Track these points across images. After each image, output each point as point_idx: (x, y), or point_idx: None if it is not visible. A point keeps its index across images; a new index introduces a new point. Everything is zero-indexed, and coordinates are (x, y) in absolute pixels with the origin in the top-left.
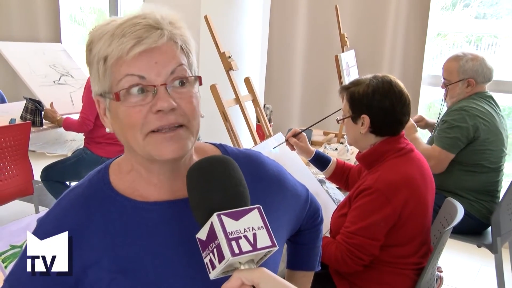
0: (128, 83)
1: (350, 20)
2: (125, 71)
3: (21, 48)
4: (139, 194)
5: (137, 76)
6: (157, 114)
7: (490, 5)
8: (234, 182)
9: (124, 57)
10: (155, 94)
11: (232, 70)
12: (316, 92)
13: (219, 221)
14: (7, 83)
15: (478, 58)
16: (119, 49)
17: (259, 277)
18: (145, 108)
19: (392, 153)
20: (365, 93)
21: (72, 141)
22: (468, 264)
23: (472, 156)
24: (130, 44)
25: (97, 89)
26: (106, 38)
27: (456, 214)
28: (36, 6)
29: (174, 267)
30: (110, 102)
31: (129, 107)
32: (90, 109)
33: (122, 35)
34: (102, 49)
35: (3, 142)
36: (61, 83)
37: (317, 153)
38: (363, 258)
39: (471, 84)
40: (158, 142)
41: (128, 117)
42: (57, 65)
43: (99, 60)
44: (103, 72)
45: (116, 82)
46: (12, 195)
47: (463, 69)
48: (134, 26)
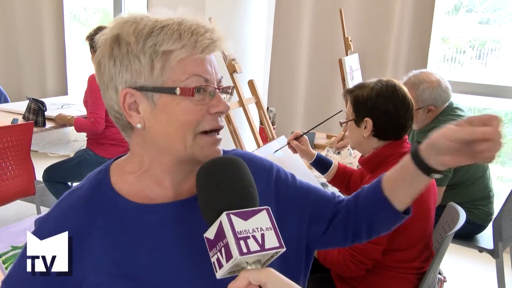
0: (194, 83)
1: (354, 24)
2: (192, 70)
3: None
4: (144, 195)
5: (203, 77)
6: (213, 115)
7: (494, 10)
8: (243, 182)
9: (194, 55)
10: (213, 96)
11: (236, 73)
12: (320, 95)
13: (228, 220)
14: (10, 83)
15: (433, 83)
16: (193, 47)
17: (266, 277)
18: (205, 108)
19: (395, 157)
20: (369, 96)
21: (74, 141)
22: (469, 269)
23: (460, 178)
24: (205, 44)
25: (142, 81)
26: (170, 32)
27: (458, 218)
28: (40, 6)
29: (176, 270)
30: (162, 97)
31: (192, 104)
32: (99, 108)
33: (190, 33)
34: (165, 42)
35: (5, 142)
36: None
37: (318, 156)
38: (365, 262)
39: (432, 110)
40: (208, 144)
41: (189, 113)
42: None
43: (157, 53)
44: (161, 66)
45: (180, 79)
46: (14, 195)
47: (421, 98)
48: (199, 27)
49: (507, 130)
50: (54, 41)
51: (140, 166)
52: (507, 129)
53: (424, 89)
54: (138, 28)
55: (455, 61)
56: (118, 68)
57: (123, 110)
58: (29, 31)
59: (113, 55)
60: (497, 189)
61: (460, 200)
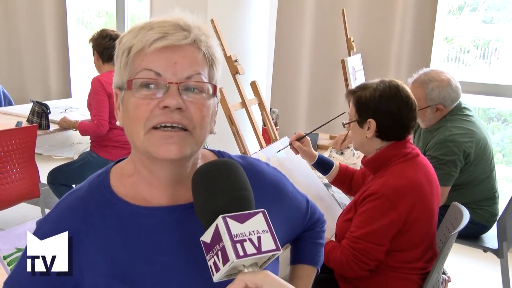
0: (143, 77)
1: (357, 24)
2: (144, 65)
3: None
4: (141, 197)
5: (153, 72)
6: (163, 110)
7: (498, 9)
8: (239, 185)
9: (146, 49)
10: (166, 91)
11: (238, 74)
12: (323, 96)
13: (225, 223)
14: (14, 86)
15: (443, 82)
16: (143, 41)
17: (262, 279)
18: (154, 102)
19: (398, 158)
20: (372, 97)
21: (78, 144)
22: (474, 269)
23: (466, 178)
24: (154, 37)
25: (117, 80)
26: (134, 31)
27: (462, 218)
28: (42, 9)
29: (172, 274)
30: (124, 94)
31: (139, 99)
32: (102, 110)
33: (149, 28)
34: (128, 40)
35: (9, 145)
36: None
37: (320, 157)
38: (368, 263)
39: (440, 109)
40: (157, 139)
41: (136, 109)
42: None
43: (124, 51)
44: (124, 63)
45: (134, 74)
46: (19, 198)
47: (430, 97)
48: (163, 23)
49: None
50: (57, 44)
51: (134, 167)
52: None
53: (434, 87)
54: (126, 31)
55: (459, 61)
56: (116, 69)
57: (115, 109)
58: (32, 34)
59: (115, 56)
60: (501, 189)
61: (465, 200)
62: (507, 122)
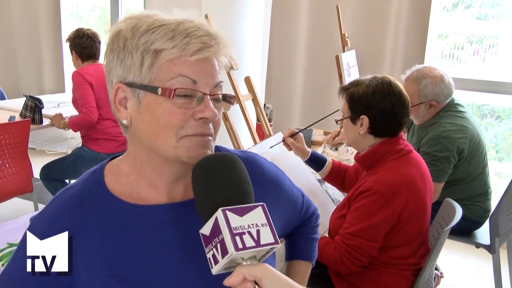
0: (180, 84)
1: (351, 20)
2: (179, 70)
3: None
4: (138, 196)
5: (190, 79)
6: (198, 121)
7: (492, 6)
8: (239, 179)
9: (184, 57)
10: (201, 101)
11: (232, 69)
12: (317, 92)
13: (224, 216)
14: (7, 80)
15: (436, 78)
16: (184, 48)
17: (261, 272)
18: (189, 112)
19: (392, 155)
20: (365, 93)
21: (71, 138)
22: (466, 264)
23: (459, 174)
24: (197, 47)
25: (131, 77)
26: (164, 31)
27: (455, 214)
28: (37, 2)
29: (170, 272)
30: (146, 95)
31: (174, 107)
32: (88, 98)
33: (185, 34)
34: (157, 40)
35: (2, 139)
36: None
37: (312, 153)
38: (361, 259)
39: (434, 105)
40: (193, 145)
41: (169, 116)
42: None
43: (148, 51)
44: (150, 64)
45: (166, 79)
46: (12, 192)
47: (423, 93)
48: (196, 30)
49: (505, 126)
50: (51, 38)
51: (133, 166)
52: (505, 125)
53: (427, 84)
54: (137, 25)
55: (453, 57)
56: (114, 62)
57: (113, 104)
58: (26, 28)
59: (113, 49)
60: (494, 185)
61: (459, 196)
62: (501, 119)
